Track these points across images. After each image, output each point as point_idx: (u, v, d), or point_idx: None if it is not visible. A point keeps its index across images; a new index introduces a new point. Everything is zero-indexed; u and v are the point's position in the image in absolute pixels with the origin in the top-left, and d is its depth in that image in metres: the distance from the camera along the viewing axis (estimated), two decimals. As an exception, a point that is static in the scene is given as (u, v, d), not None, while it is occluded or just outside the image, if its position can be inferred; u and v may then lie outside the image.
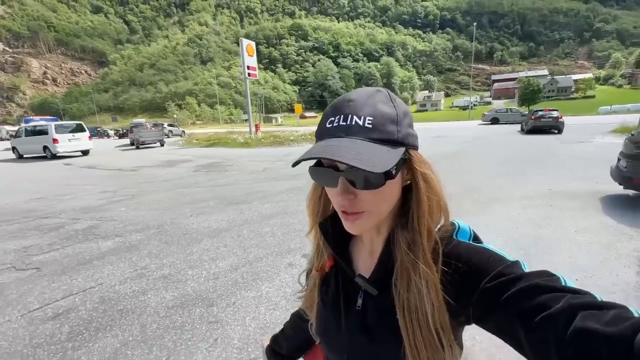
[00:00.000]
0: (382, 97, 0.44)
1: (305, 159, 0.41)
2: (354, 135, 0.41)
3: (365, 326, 0.49)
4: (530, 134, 15.01)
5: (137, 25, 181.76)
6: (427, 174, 0.45)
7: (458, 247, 0.45)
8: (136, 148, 17.65)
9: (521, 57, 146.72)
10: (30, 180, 8.49)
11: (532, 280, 0.36)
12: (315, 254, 0.59)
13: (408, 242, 0.44)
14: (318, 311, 0.58)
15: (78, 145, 14.14)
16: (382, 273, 0.48)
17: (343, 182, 0.42)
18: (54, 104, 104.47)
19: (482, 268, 0.40)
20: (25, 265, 3.19)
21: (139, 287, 2.67)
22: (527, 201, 4.54)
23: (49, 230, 4.21)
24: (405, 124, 0.44)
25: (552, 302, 0.32)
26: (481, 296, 0.39)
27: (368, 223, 0.45)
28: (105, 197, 6.06)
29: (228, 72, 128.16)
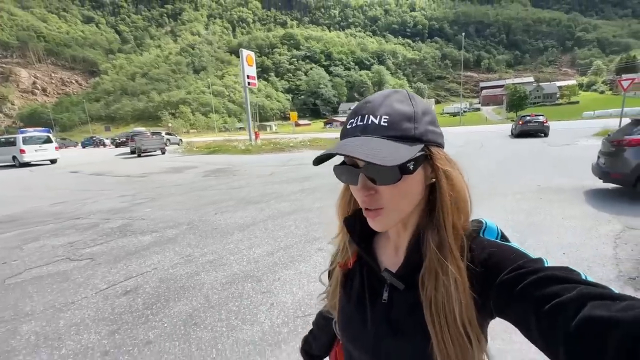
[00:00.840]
0: (400, 97, 0.45)
1: (324, 156, 0.44)
2: (370, 134, 0.43)
3: (391, 320, 0.49)
4: (518, 138, 15.79)
5: (128, 35, 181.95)
6: (449, 172, 0.45)
7: (483, 245, 0.45)
8: (138, 156, 17.87)
9: (507, 65, 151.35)
10: (41, 188, 8.72)
11: (549, 271, 0.36)
12: (339, 251, 0.61)
13: (437, 241, 0.45)
14: (341, 307, 0.58)
15: (44, 155, 15.42)
16: (409, 268, 0.48)
17: (363, 178, 0.44)
18: (44, 114, 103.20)
19: (503, 262, 0.41)
20: (78, 256, 3.55)
21: (190, 270, 3.06)
22: (520, 195, 5.07)
23: (85, 229, 4.55)
24: (424, 122, 0.45)
25: (564, 291, 0.32)
26: (499, 287, 0.39)
27: (389, 220, 0.46)
28: (126, 200, 6.40)
29: (221, 80, 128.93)
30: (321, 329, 0.74)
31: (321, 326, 0.74)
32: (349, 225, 0.54)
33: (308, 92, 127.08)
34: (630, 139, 4.44)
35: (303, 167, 9.97)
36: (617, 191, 4.93)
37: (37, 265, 3.35)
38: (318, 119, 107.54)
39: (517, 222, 3.88)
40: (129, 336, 2.12)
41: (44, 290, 2.80)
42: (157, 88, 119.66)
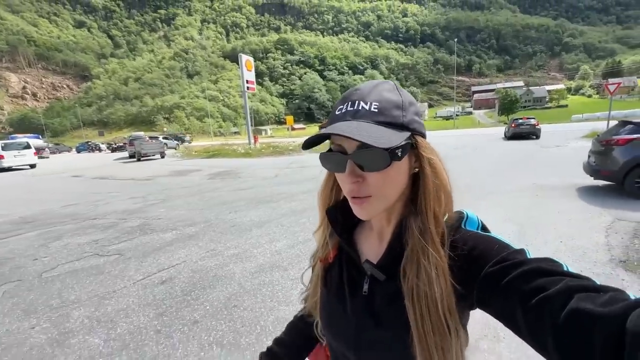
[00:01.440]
0: (388, 86, 0.47)
1: (314, 138, 0.45)
2: (361, 119, 0.43)
3: (372, 311, 0.50)
4: (511, 140, 16.30)
5: (121, 39, 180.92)
6: (433, 159, 0.46)
7: (465, 235, 0.46)
8: (137, 160, 17.91)
9: (498, 70, 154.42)
10: (46, 191, 8.80)
11: (534, 264, 0.36)
12: (320, 245, 0.60)
13: (420, 227, 0.45)
14: (322, 302, 0.58)
15: (23, 160, 16.28)
16: (390, 259, 0.49)
17: (351, 165, 0.44)
18: (35, 119, 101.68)
19: (487, 254, 0.42)
20: (106, 252, 3.72)
21: (218, 262, 3.27)
22: (517, 192, 5.39)
23: (105, 228, 4.72)
24: (410, 111, 0.46)
25: (551, 284, 0.33)
26: (484, 280, 0.40)
27: (376, 208, 0.46)
28: (138, 202, 6.56)
29: (215, 85, 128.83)
30: (297, 333, 0.70)
31: (299, 330, 0.70)
32: (330, 216, 0.54)
33: (302, 96, 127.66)
34: (617, 139, 4.80)
35: (306, 169, 10.22)
36: (607, 187, 5.29)
37: (69, 261, 3.52)
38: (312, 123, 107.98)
39: (516, 216, 4.17)
40: (176, 317, 2.33)
41: (82, 282, 2.99)
42: (150, 93, 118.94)
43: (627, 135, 4.77)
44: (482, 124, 54.60)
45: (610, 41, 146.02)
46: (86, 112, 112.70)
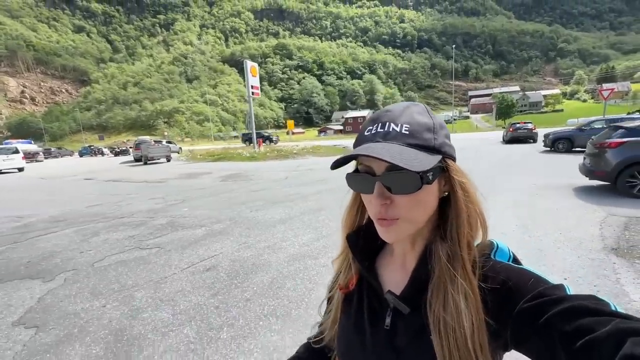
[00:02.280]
0: (419, 109, 0.46)
1: (344, 159, 0.43)
2: (392, 140, 0.42)
3: (395, 347, 0.46)
4: (509, 144, 16.80)
5: (120, 44, 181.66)
6: (465, 183, 0.45)
7: (496, 267, 0.43)
8: (144, 164, 18.22)
9: (494, 75, 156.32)
10: (64, 193, 9.09)
11: (577, 301, 0.33)
12: (341, 271, 0.58)
13: (448, 254, 0.43)
14: (341, 332, 0.55)
15: (12, 163, 17.54)
16: (415, 289, 0.46)
17: (379, 187, 0.43)
18: (33, 123, 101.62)
19: (522, 288, 0.39)
20: (146, 246, 4.06)
21: (253, 253, 3.62)
22: (518, 192, 5.79)
23: (137, 226, 5.06)
24: (441, 134, 0.45)
25: (598, 325, 0.30)
26: (519, 317, 0.37)
27: (404, 231, 0.44)
28: (158, 202, 6.89)
29: (214, 90, 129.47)
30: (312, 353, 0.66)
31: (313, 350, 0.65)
32: (351, 242, 0.53)
33: (301, 100, 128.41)
34: (610, 142, 5.22)
35: (314, 171, 10.59)
36: (601, 186, 5.70)
37: (114, 253, 3.85)
38: (311, 127, 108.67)
39: (517, 212, 4.56)
40: (229, 296, 2.68)
41: (134, 270, 3.33)
42: (149, 97, 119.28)
43: (619, 139, 5.19)
44: (479, 128, 55.34)
45: (604, 47, 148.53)
46: (85, 116, 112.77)
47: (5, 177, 14.97)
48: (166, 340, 2.14)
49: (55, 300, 2.78)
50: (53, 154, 39.71)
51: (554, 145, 12.34)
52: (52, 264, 3.64)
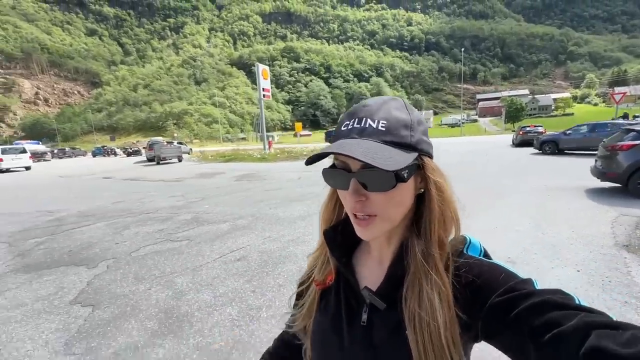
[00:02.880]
0: (397, 104, 0.46)
1: (318, 155, 0.43)
2: (368, 137, 0.42)
3: (371, 343, 0.47)
4: (519, 147, 16.79)
5: (131, 47, 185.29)
6: (440, 182, 0.45)
7: (469, 262, 0.45)
8: (157, 163, 18.69)
9: (503, 78, 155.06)
10: (86, 191, 9.46)
11: (544, 296, 0.35)
12: (318, 267, 0.58)
13: (423, 250, 0.44)
14: (315, 330, 0.55)
15: (20, 162, 18.69)
16: (390, 285, 0.47)
17: (355, 183, 0.43)
18: (47, 124, 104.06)
19: (492, 283, 0.40)
20: (176, 238, 4.32)
21: (279, 246, 3.84)
22: (530, 193, 5.92)
23: (163, 220, 5.33)
24: (419, 131, 0.45)
25: (565, 319, 0.31)
26: (490, 311, 0.38)
27: (380, 228, 0.45)
28: (179, 199, 7.18)
29: (222, 92, 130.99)
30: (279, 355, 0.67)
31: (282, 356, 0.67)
32: (328, 238, 0.53)
33: (308, 103, 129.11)
34: (622, 145, 5.34)
35: (325, 172, 10.79)
36: (613, 188, 5.79)
37: (147, 245, 4.12)
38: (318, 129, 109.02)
39: (530, 211, 4.71)
40: (262, 283, 2.90)
41: (170, 259, 3.58)
42: (159, 99, 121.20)
43: (631, 142, 5.30)
44: (488, 131, 54.98)
45: (616, 50, 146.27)
46: (96, 117, 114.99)
47: (22, 176, 15.53)
48: (212, 318, 2.37)
49: (103, 284, 3.04)
50: (67, 153, 40.71)
51: (541, 148, 13.26)
52: (92, 253, 3.91)
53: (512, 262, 3.03)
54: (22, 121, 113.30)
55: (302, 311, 0.58)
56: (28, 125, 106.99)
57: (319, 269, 0.57)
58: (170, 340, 2.14)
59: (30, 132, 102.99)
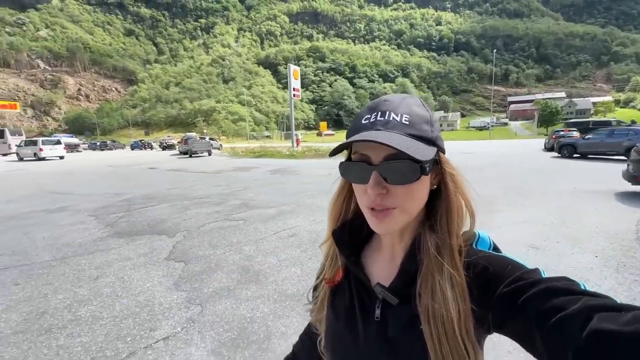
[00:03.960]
0: (416, 101, 0.47)
1: (344, 145, 0.43)
2: (393, 129, 0.42)
3: (386, 338, 0.47)
4: (552, 152, 16.40)
5: (165, 46, 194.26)
6: (455, 175, 0.46)
7: (478, 255, 0.45)
8: (189, 156, 20.13)
9: (537, 80, 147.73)
10: (140, 179, 10.53)
11: (550, 283, 0.36)
12: (327, 264, 0.58)
13: (437, 244, 0.44)
14: (328, 326, 0.56)
15: (55, 152, 21.33)
16: (403, 281, 0.47)
17: (376, 176, 0.43)
18: (87, 118, 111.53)
19: (500, 274, 0.41)
20: (233, 218, 5.01)
21: (324, 227, 4.41)
22: (558, 194, 6.12)
23: (216, 204, 6.07)
24: (436, 127, 0.46)
25: (569, 303, 0.32)
26: (499, 301, 0.39)
27: (397, 222, 0.45)
28: (224, 188, 7.96)
29: (249, 90, 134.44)
30: (308, 351, 0.68)
31: (307, 348, 0.68)
32: (336, 237, 0.53)
33: (332, 103, 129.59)
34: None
35: (354, 169, 11.29)
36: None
37: (210, 222, 4.83)
38: (341, 129, 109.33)
39: (558, 211, 4.98)
40: (317, 253, 3.48)
41: (233, 233, 4.25)
42: (189, 97, 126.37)
43: (664, 147, 5.41)
44: (519, 135, 53.00)
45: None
46: (131, 113, 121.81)
47: (73, 164, 17.20)
48: (281, 274, 2.97)
49: (185, 248, 3.74)
50: (109, 146, 43.82)
51: (560, 151, 13.86)
52: (166, 226, 4.67)
53: (535, 249, 3.42)
54: (66, 115, 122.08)
55: (316, 304, 0.60)
56: (71, 119, 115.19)
57: (328, 266, 0.58)
58: (254, 286, 2.76)
59: (72, 126, 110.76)
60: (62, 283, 2.90)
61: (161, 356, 1.92)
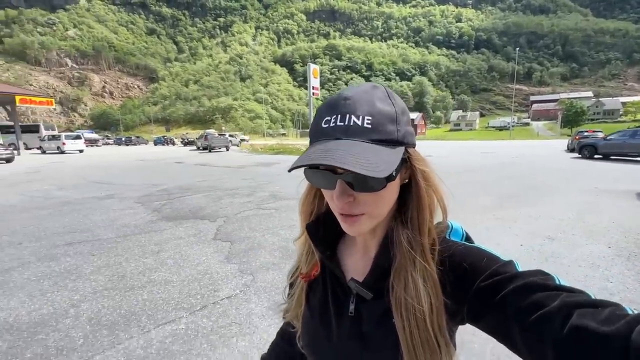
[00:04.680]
0: (380, 94, 0.43)
1: (305, 165, 0.39)
2: (353, 137, 0.40)
3: (360, 333, 0.48)
4: (574, 152, 16.09)
5: (184, 45, 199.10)
6: (426, 172, 0.45)
7: (452, 247, 0.45)
8: (209, 151, 21.28)
9: (562, 78, 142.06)
10: (169, 172, 11.20)
11: (527, 278, 0.36)
12: (302, 259, 0.58)
13: (409, 239, 0.44)
14: (304, 322, 0.56)
15: (76, 146, 23.32)
16: (377, 275, 0.47)
17: (341, 184, 0.41)
18: (111, 115, 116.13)
19: (477, 267, 0.41)
20: (265, 207, 5.45)
21: (349, 217, 4.78)
22: (579, 192, 6.24)
23: (246, 196, 6.54)
24: (403, 122, 0.43)
25: (548, 300, 0.33)
26: (476, 295, 0.39)
27: (367, 225, 0.44)
28: (251, 182, 8.45)
29: (265, 88, 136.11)
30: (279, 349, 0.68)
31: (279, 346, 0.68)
32: (311, 232, 0.52)
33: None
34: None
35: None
36: (667, 193, 5.93)
37: (244, 210, 5.29)
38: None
39: (576, 207, 5.14)
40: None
41: (268, 220, 4.68)
42: (207, 94, 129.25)
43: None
44: (541, 136, 51.45)
45: None
46: (152, 110, 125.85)
47: (104, 159, 18.25)
48: (317, 254, 3.36)
49: (228, 230, 4.20)
50: (133, 141, 45.75)
51: (581, 151, 13.89)
52: (206, 213, 5.16)
53: (551, 239, 3.66)
54: (91, 111, 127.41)
55: (292, 301, 0.59)
56: (96, 115, 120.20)
57: (304, 261, 0.57)
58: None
59: (97, 122, 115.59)
60: (130, 255, 3.41)
61: (228, 309, 2.35)
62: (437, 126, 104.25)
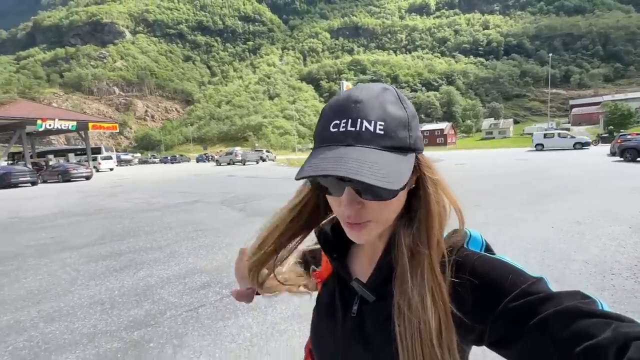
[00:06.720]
0: (391, 98, 0.41)
1: (317, 175, 0.38)
2: (365, 143, 0.38)
3: (362, 334, 0.47)
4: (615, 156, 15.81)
5: (217, 69, 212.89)
6: (436, 180, 0.44)
7: (472, 259, 0.42)
8: (243, 164, 25.64)
9: (605, 80, 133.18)
10: (226, 185, 12.75)
11: (568, 302, 0.33)
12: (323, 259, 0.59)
13: (411, 246, 0.42)
14: (313, 324, 0.56)
15: (108, 166, 27.96)
16: (380, 278, 0.46)
17: (350, 192, 0.40)
18: (153, 136, 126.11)
19: (502, 283, 0.38)
20: (327, 207, 6.57)
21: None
22: (614, 191, 6.74)
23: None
24: (414, 128, 0.42)
25: (596, 329, 0.30)
26: (503, 316, 0.35)
27: (375, 232, 0.43)
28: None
29: (293, 105, 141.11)
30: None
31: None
32: (322, 239, 0.52)
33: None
34: None
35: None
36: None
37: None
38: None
39: (611, 202, 5.73)
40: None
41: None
42: (238, 113, 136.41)
43: None
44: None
45: None
46: (189, 130, 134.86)
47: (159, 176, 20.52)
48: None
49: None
50: (177, 160, 49.84)
51: (623, 154, 13.77)
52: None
53: (578, 223, 4.41)
54: (135, 134, 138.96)
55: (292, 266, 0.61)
56: (140, 137, 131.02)
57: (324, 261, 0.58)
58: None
59: (141, 143, 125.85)
60: (244, 238, 4.63)
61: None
62: (467, 135, 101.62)
